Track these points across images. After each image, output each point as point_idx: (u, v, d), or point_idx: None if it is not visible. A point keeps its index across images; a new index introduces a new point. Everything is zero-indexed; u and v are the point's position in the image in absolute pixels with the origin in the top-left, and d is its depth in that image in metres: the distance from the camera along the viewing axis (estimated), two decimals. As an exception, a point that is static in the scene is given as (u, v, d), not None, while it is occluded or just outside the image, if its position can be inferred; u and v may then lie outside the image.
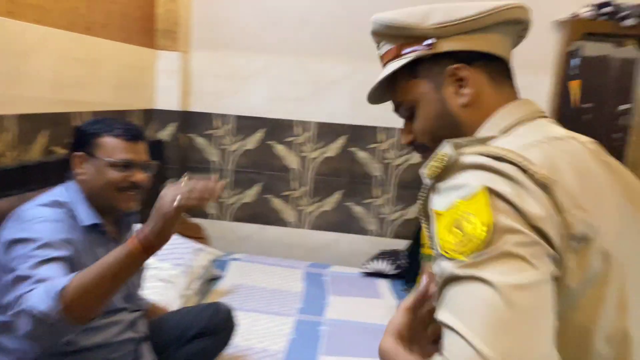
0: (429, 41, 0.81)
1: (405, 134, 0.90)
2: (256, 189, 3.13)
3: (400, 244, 2.84)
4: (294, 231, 3.14)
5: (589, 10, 2.49)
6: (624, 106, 2.84)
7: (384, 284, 2.78)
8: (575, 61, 2.71)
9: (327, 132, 3.03)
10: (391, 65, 0.86)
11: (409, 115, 0.88)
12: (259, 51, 3.00)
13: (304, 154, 3.06)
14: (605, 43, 2.69)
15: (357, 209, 3.08)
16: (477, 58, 0.82)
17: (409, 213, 3.01)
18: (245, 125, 3.07)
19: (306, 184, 3.09)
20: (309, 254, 3.12)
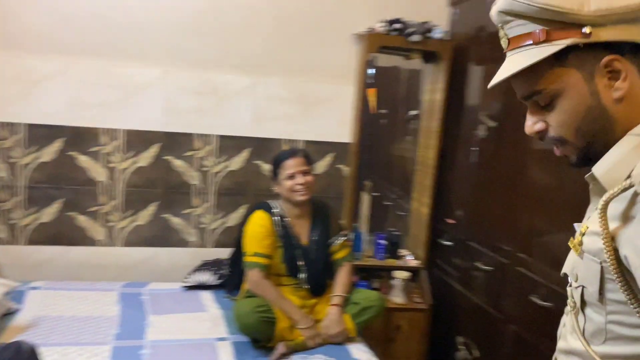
0: (585, 29, 0.76)
1: (535, 123, 0.85)
2: (56, 206, 2.78)
3: (223, 253, 2.80)
4: (105, 250, 2.87)
5: (383, 26, 2.77)
6: (413, 112, 3.23)
7: (207, 296, 2.70)
8: (371, 71, 2.99)
9: (138, 141, 2.83)
10: (532, 52, 0.79)
11: (546, 104, 0.83)
12: (54, 52, 2.67)
13: (113, 165, 2.82)
14: (396, 55, 3.02)
15: (175, 221, 2.94)
16: (630, 50, 0.77)
17: (230, 220, 2.98)
18: (39, 134, 2.70)
19: (116, 198, 2.85)
20: (123, 274, 2.87)
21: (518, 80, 0.85)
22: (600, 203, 0.75)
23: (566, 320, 0.90)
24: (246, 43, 2.89)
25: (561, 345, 0.90)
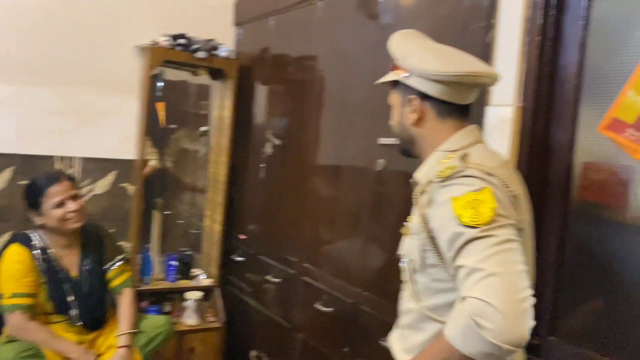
0: (405, 74, 1.18)
1: (391, 120, 1.27)
2: None
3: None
4: None
5: (167, 40, 2.69)
6: (203, 128, 3.19)
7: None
8: (159, 85, 2.88)
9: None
10: (388, 75, 1.24)
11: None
12: None
13: None
14: (183, 71, 2.96)
15: None
16: (427, 96, 1.17)
17: None
18: None
19: None
20: None
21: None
22: (414, 195, 1.12)
23: (405, 289, 1.24)
24: (7, 47, 2.52)
25: (401, 306, 1.24)
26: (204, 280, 2.95)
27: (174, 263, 2.88)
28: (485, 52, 1.51)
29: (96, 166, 2.78)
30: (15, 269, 2.06)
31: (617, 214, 1.30)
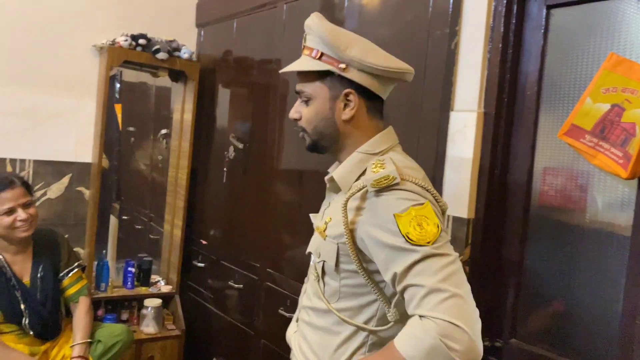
0: (342, 65, 1.09)
1: (296, 110, 1.17)
2: None
3: None
4: None
5: (126, 40, 2.61)
6: (164, 131, 3.12)
7: None
8: (117, 86, 2.79)
9: None
10: (310, 61, 1.11)
11: (305, 100, 1.14)
12: None
13: None
14: (143, 72, 2.88)
15: None
16: (366, 91, 1.11)
17: None
18: None
19: None
20: None
21: (299, 76, 1.16)
22: (342, 200, 1.07)
23: (308, 287, 1.24)
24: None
25: (306, 303, 1.22)
26: (163, 286, 2.87)
27: (132, 269, 2.80)
28: (449, 58, 1.53)
29: (50, 169, 2.67)
30: (-39, 277, 1.95)
31: (576, 218, 1.34)
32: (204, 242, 2.83)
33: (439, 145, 1.55)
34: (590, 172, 1.30)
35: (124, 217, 3.11)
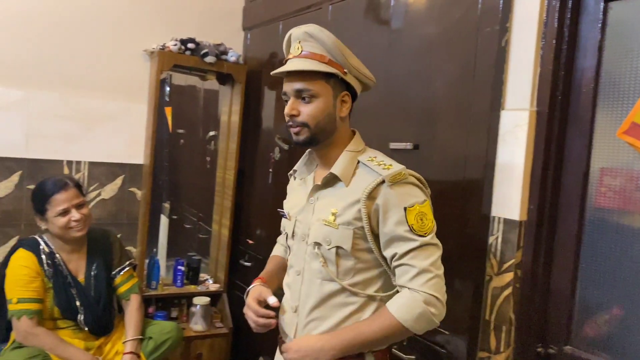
0: (345, 70, 1.30)
1: (294, 108, 1.30)
2: None
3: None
4: None
5: (176, 44, 2.68)
6: (212, 133, 3.19)
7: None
8: (167, 89, 2.87)
9: None
10: (319, 64, 1.28)
11: (306, 98, 1.29)
12: None
13: None
14: (192, 75, 2.95)
15: None
16: (354, 95, 1.36)
17: (-4, 256, 2.54)
18: None
19: None
20: None
21: (298, 76, 1.29)
22: (363, 194, 1.26)
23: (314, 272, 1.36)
24: (13, 51, 2.52)
25: (311, 302, 1.34)
26: (211, 285, 2.93)
27: (182, 268, 2.87)
28: (499, 56, 1.49)
29: (104, 170, 2.77)
30: (22, 274, 2.05)
31: (636, 221, 1.27)
32: (250, 242, 2.87)
33: (489, 145, 1.51)
34: (652, 173, 1.23)
35: (173, 217, 3.19)
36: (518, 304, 1.46)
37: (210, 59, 2.72)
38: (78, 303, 2.12)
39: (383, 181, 1.25)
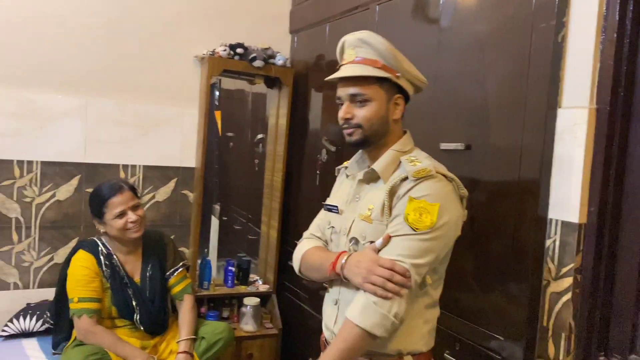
0: (398, 74, 1.34)
1: (349, 112, 1.35)
2: None
3: (50, 294, 2.48)
4: None
5: (225, 50, 2.73)
6: (260, 135, 3.23)
7: (32, 345, 2.37)
8: (216, 94, 2.93)
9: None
10: (373, 69, 1.32)
11: (360, 101, 1.33)
12: None
13: None
14: (240, 80, 3.00)
15: (-10, 260, 2.55)
16: (407, 98, 1.39)
17: (58, 257, 2.67)
18: None
19: None
20: None
21: (352, 82, 1.34)
22: (385, 188, 1.30)
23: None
24: (73, 61, 2.64)
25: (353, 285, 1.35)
26: (261, 286, 2.97)
27: (232, 269, 2.92)
28: (556, 52, 1.43)
29: (157, 174, 2.86)
30: (82, 274, 2.14)
31: None
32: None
33: (546, 145, 1.45)
34: None
35: (223, 218, 3.25)
36: (578, 310, 1.40)
37: (258, 63, 2.76)
38: (134, 303, 2.20)
39: (407, 177, 1.27)
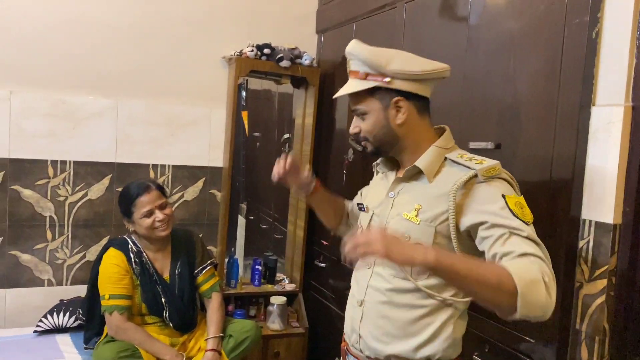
0: (387, 79, 1.25)
1: (356, 125, 1.34)
2: None
3: (82, 291, 2.54)
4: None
5: (252, 50, 2.75)
6: (286, 135, 3.24)
7: (65, 340, 2.43)
8: (242, 94, 2.95)
9: (-23, 169, 2.50)
10: (358, 83, 1.28)
11: (360, 115, 1.32)
12: None
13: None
14: (267, 80, 3.01)
15: (26, 257, 2.63)
16: (413, 96, 1.28)
17: (90, 255, 2.73)
18: None
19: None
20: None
21: (350, 97, 1.33)
22: (454, 187, 1.19)
23: (379, 270, 1.32)
24: (104, 63, 2.70)
25: (382, 285, 1.31)
26: (287, 285, 2.98)
27: (259, 267, 2.94)
28: (589, 49, 1.40)
29: (186, 173, 2.90)
30: (113, 271, 2.19)
31: None
32: (325, 243, 2.89)
33: (579, 144, 1.42)
34: None
35: (250, 217, 3.27)
36: (613, 313, 1.37)
37: (285, 63, 2.77)
38: (163, 300, 2.23)
39: (476, 175, 1.19)
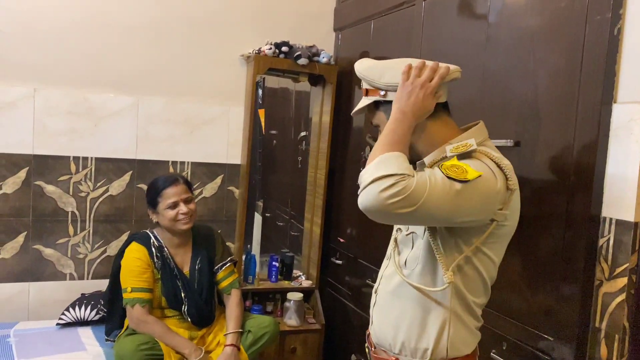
0: (382, 92, 1.25)
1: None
2: None
3: (103, 285, 2.59)
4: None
5: (270, 48, 2.77)
6: (303, 133, 3.26)
7: (86, 333, 2.48)
8: (259, 92, 2.97)
9: (3, 165, 2.56)
10: (363, 99, 1.30)
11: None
12: None
13: (-29, 193, 2.51)
14: (285, 78, 3.03)
15: (48, 252, 2.68)
16: None
17: (111, 249, 2.78)
18: None
19: (-24, 229, 2.53)
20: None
21: (366, 113, 1.34)
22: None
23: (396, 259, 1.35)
24: (125, 61, 2.74)
25: (393, 276, 1.33)
26: (304, 281, 3.00)
27: (276, 264, 2.96)
28: (611, 45, 1.39)
29: (205, 170, 2.93)
30: (135, 265, 2.23)
31: None
32: (341, 240, 2.90)
33: (600, 141, 1.41)
34: None
35: (266, 215, 3.30)
36: (633, 311, 1.36)
37: (302, 61, 2.79)
38: (183, 294, 2.27)
39: (444, 157, 1.18)
